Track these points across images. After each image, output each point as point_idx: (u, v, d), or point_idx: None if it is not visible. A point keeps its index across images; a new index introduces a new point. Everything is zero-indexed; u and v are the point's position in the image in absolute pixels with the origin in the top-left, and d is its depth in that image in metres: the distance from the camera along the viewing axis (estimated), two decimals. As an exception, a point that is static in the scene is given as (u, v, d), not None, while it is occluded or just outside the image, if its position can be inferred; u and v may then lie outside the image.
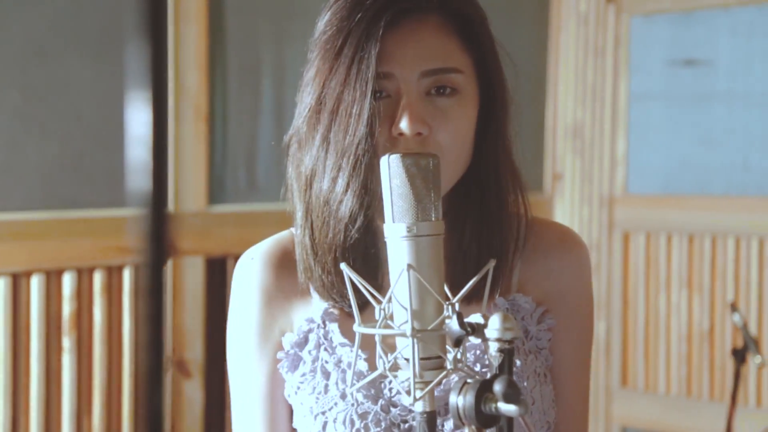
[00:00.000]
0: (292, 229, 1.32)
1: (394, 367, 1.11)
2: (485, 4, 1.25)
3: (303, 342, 1.29)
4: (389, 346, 1.11)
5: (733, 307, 2.73)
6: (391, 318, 1.10)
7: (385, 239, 1.09)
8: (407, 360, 1.09)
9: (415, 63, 1.20)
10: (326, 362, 1.27)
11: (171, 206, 2.59)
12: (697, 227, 3.50)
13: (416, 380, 1.05)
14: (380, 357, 1.10)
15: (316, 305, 1.29)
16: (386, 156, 1.09)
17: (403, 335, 1.06)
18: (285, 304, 1.31)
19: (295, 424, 1.30)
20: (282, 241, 1.32)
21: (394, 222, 1.08)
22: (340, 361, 1.27)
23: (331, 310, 1.29)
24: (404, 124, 1.18)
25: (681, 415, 3.53)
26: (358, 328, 1.12)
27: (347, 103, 1.20)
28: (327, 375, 1.27)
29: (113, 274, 2.46)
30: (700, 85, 3.53)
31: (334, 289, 1.26)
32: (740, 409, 3.03)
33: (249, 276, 1.31)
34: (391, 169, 1.08)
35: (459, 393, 0.97)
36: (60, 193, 2.41)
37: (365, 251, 1.24)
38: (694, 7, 3.53)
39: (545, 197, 3.76)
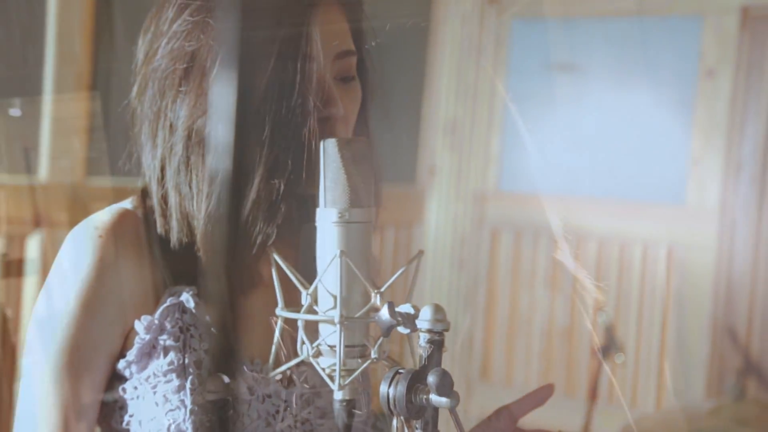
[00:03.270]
0: (127, 206, 1.21)
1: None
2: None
3: (159, 328, 1.15)
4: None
5: (600, 307, 2.82)
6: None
7: (315, 223, 1.08)
8: (330, 347, 1.08)
9: (331, 45, 1.18)
10: (195, 350, 1.15)
11: (46, 177, 2.49)
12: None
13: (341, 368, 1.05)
14: (303, 342, 1.09)
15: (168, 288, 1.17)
16: (322, 140, 1.08)
17: (330, 322, 1.05)
18: (134, 285, 1.17)
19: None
20: (127, 216, 1.19)
21: (326, 207, 1.07)
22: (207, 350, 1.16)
23: (189, 293, 1.17)
24: (330, 107, 1.15)
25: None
26: (281, 312, 1.11)
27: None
28: (199, 364, 1.15)
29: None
30: (573, 89, 3.62)
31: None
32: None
33: (97, 251, 1.15)
34: (326, 154, 1.07)
35: (390, 383, 0.96)
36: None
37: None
38: (571, 14, 3.63)
39: (418, 190, 3.79)
